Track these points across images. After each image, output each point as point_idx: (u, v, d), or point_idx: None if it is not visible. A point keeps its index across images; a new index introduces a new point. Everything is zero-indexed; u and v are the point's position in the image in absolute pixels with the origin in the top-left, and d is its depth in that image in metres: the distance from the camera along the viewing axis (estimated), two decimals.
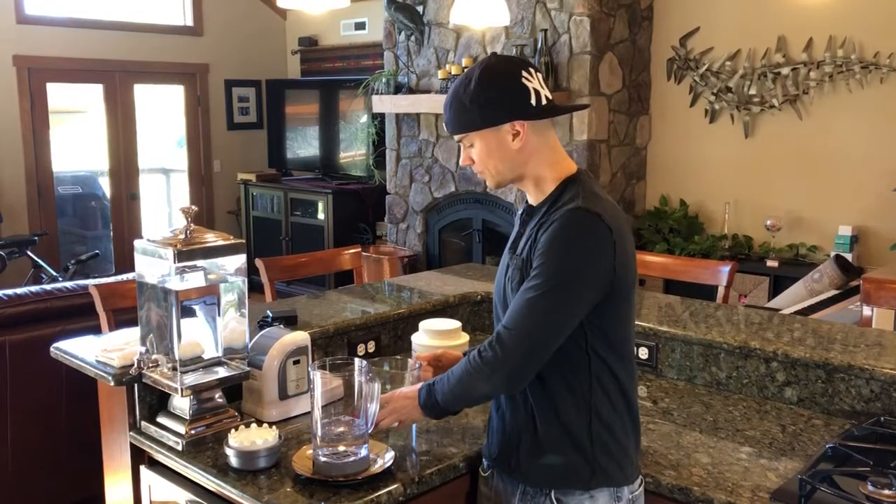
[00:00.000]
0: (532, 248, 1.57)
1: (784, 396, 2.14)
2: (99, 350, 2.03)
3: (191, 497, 1.81)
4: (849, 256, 4.18)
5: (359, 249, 3.47)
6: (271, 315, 2.33)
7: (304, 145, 7.35)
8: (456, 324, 2.25)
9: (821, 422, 2.02)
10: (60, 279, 5.65)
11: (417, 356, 2.01)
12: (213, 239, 1.85)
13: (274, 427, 1.78)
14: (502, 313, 1.65)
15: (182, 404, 1.89)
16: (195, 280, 1.85)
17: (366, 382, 1.64)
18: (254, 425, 1.78)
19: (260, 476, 1.69)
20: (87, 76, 6.83)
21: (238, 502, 1.66)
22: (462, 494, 1.84)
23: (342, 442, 1.66)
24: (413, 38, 5.52)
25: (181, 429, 1.86)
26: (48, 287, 3.18)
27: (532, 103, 1.59)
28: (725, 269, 2.94)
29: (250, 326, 1.97)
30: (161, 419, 1.93)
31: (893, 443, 1.78)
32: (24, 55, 6.38)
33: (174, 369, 1.82)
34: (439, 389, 1.67)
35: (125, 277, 3.07)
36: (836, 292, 3.81)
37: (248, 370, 1.93)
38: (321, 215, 6.60)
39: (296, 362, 2.00)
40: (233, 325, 1.91)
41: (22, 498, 3.05)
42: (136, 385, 1.94)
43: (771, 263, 4.39)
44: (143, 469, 1.96)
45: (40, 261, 5.90)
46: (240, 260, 1.90)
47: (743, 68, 4.64)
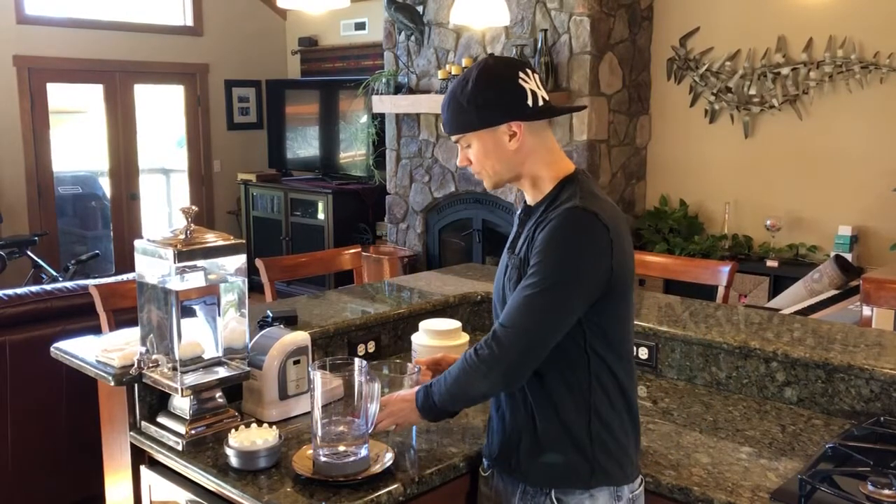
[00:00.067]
0: (530, 248, 1.57)
1: (784, 396, 2.14)
2: (99, 350, 2.03)
3: (191, 497, 1.81)
4: (849, 256, 4.18)
5: (359, 249, 3.47)
6: (271, 315, 2.33)
7: (304, 145, 7.35)
8: (456, 324, 2.25)
9: (821, 422, 2.02)
10: (60, 279, 5.66)
11: (417, 360, 2.01)
12: (214, 239, 1.85)
13: (274, 427, 1.78)
14: (501, 313, 1.65)
15: (182, 404, 1.89)
16: (195, 280, 1.85)
17: (366, 382, 1.64)
18: (254, 425, 1.78)
19: (260, 476, 1.69)
20: (87, 76, 6.83)
21: (238, 502, 1.66)
22: (462, 494, 1.84)
23: (342, 442, 1.66)
24: (413, 38, 5.52)
25: (181, 429, 1.86)
26: (48, 287, 3.18)
27: (529, 104, 1.59)
28: (725, 269, 2.95)
29: (250, 326, 1.97)
30: (161, 419, 1.93)
31: (893, 443, 1.78)
32: (24, 55, 6.38)
33: (174, 369, 1.82)
34: (436, 391, 1.67)
35: (125, 277, 3.07)
36: (836, 292, 3.81)
37: (248, 370, 1.93)
38: (321, 215, 6.60)
39: (296, 362, 2.00)
40: (233, 325, 1.91)
41: (22, 498, 3.05)
42: (137, 385, 1.94)
43: (771, 263, 4.39)
44: (144, 469, 1.96)
45: (40, 261, 5.91)
46: (240, 260, 1.90)
47: (743, 68, 4.64)
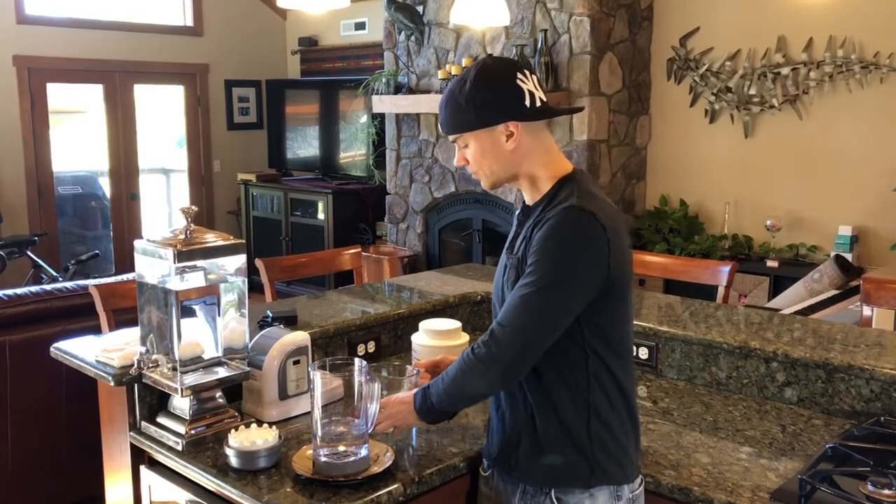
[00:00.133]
0: (527, 247, 1.57)
1: (784, 396, 2.14)
2: (99, 350, 2.03)
3: (191, 497, 1.81)
4: (849, 256, 4.18)
5: (359, 249, 3.47)
6: (271, 315, 2.33)
7: (304, 145, 7.35)
8: (456, 324, 2.25)
9: (821, 422, 2.02)
10: (60, 279, 5.66)
11: (416, 363, 2.01)
12: (213, 239, 1.85)
13: (274, 427, 1.78)
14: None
15: (182, 404, 1.89)
16: (195, 280, 1.85)
17: (366, 382, 1.64)
18: (254, 425, 1.78)
19: (260, 476, 1.69)
20: (87, 76, 6.83)
21: (238, 502, 1.66)
22: (462, 494, 1.84)
23: (342, 442, 1.66)
24: (413, 38, 5.52)
25: (181, 429, 1.86)
26: (48, 287, 3.18)
27: (526, 105, 1.60)
28: (725, 269, 2.94)
29: (250, 326, 1.97)
30: (161, 419, 1.93)
31: (893, 443, 1.78)
32: (24, 55, 6.38)
33: (174, 369, 1.82)
34: (434, 392, 1.67)
35: (125, 277, 3.07)
36: (836, 292, 3.81)
37: (248, 370, 1.93)
38: (321, 215, 6.60)
39: (296, 362, 2.00)
40: (233, 325, 1.91)
41: (22, 498, 3.05)
42: (136, 385, 1.94)
43: (771, 263, 4.39)
44: (143, 469, 1.96)
45: (40, 261, 5.91)
46: (240, 260, 1.90)
47: (743, 68, 4.64)
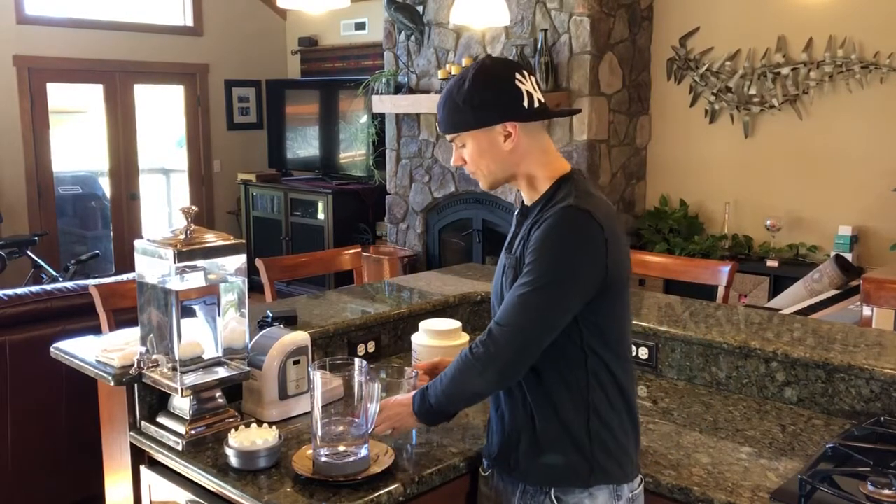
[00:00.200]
0: (525, 247, 1.58)
1: (784, 396, 2.14)
2: (99, 350, 2.03)
3: (191, 497, 1.81)
4: (849, 256, 4.18)
5: (359, 249, 3.47)
6: (271, 315, 2.33)
7: (304, 145, 7.35)
8: (456, 324, 2.25)
9: (821, 422, 2.02)
10: (60, 279, 5.66)
11: (415, 365, 2.01)
12: (213, 239, 1.85)
13: (274, 427, 1.78)
14: None
15: (182, 404, 1.89)
16: (195, 280, 1.85)
17: (366, 382, 1.64)
18: (254, 425, 1.78)
19: (260, 476, 1.69)
20: (87, 76, 6.83)
21: (238, 502, 1.66)
22: (462, 494, 1.84)
23: (342, 442, 1.66)
24: (413, 38, 5.52)
25: (181, 429, 1.86)
26: (48, 287, 3.18)
27: (525, 105, 1.60)
28: (725, 269, 2.94)
29: (250, 326, 1.97)
30: (161, 419, 1.93)
31: (893, 443, 1.78)
32: (24, 55, 6.38)
33: (174, 369, 1.82)
34: (432, 392, 1.67)
35: (125, 277, 3.07)
36: (836, 292, 3.80)
37: (248, 370, 1.93)
38: (321, 215, 6.60)
39: (296, 362, 2.00)
40: (233, 325, 1.91)
41: (22, 498, 3.05)
42: (136, 385, 1.94)
43: (771, 263, 4.39)
44: (143, 469, 1.96)
45: (40, 261, 5.91)
46: (240, 260, 1.90)
47: (743, 68, 4.64)
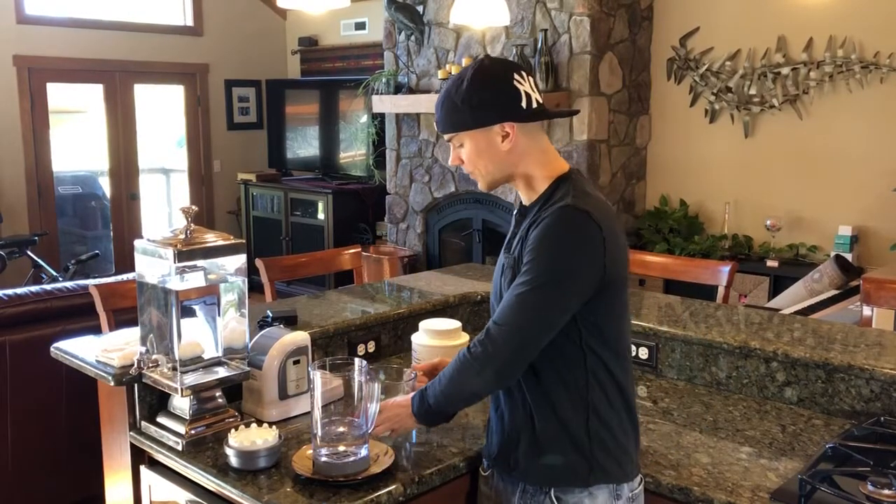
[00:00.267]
0: (523, 247, 1.58)
1: (784, 396, 2.14)
2: (99, 350, 2.03)
3: (191, 497, 1.81)
4: (849, 256, 4.18)
5: (359, 249, 3.47)
6: (271, 315, 2.33)
7: (304, 145, 7.35)
8: (456, 324, 2.25)
9: (821, 422, 2.02)
10: (60, 279, 5.66)
11: (414, 366, 2.01)
12: (213, 239, 1.85)
13: (274, 427, 1.78)
14: None
15: (182, 404, 1.89)
16: (195, 280, 1.85)
17: (366, 382, 1.64)
18: (254, 425, 1.78)
19: (260, 476, 1.69)
20: (87, 76, 6.83)
21: (238, 502, 1.66)
22: (462, 494, 1.84)
23: (342, 442, 1.66)
24: (413, 38, 5.52)
25: (181, 429, 1.86)
26: (48, 287, 3.18)
27: (523, 106, 1.60)
28: (725, 269, 2.94)
29: (250, 326, 1.97)
30: (161, 419, 1.93)
31: (893, 443, 1.78)
32: (24, 55, 6.38)
33: (174, 369, 1.82)
34: (431, 393, 1.67)
35: (125, 277, 3.07)
36: (836, 292, 3.80)
37: (248, 370, 1.93)
38: (321, 215, 6.60)
39: (296, 362, 2.00)
40: (233, 325, 1.91)
41: (22, 498, 3.05)
42: (136, 385, 1.94)
43: (771, 263, 4.39)
44: (143, 469, 1.96)
45: (40, 261, 5.91)
46: (240, 260, 1.90)
47: (743, 68, 4.64)
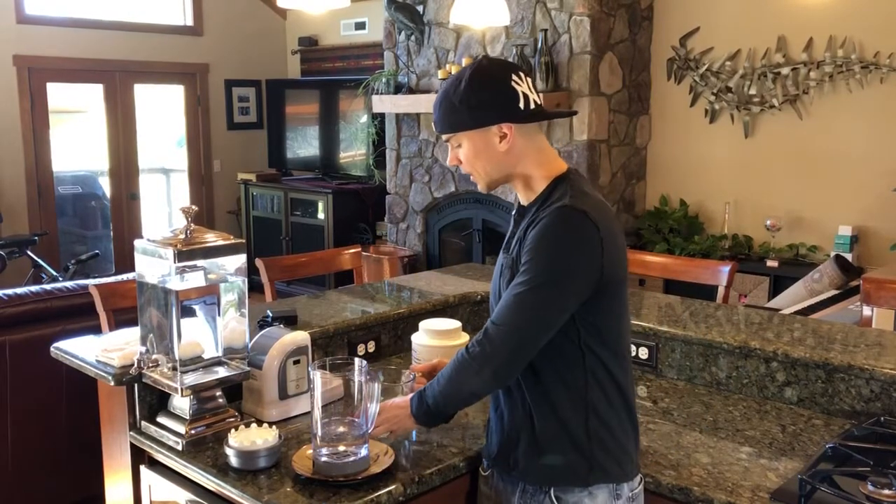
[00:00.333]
0: (521, 247, 1.58)
1: (784, 396, 2.14)
2: (99, 350, 2.03)
3: (191, 497, 1.81)
4: (849, 256, 4.18)
5: (359, 249, 3.47)
6: (271, 315, 2.33)
7: (304, 145, 7.35)
8: (456, 324, 2.25)
9: (821, 422, 2.02)
10: (60, 279, 5.65)
11: (412, 368, 2.01)
12: (213, 239, 1.85)
13: (274, 427, 1.78)
14: None
15: (182, 404, 1.89)
16: (195, 280, 1.85)
17: (366, 382, 1.64)
18: (254, 425, 1.78)
19: (260, 476, 1.69)
20: (87, 76, 6.83)
21: (238, 502, 1.66)
22: (462, 494, 1.84)
23: (342, 442, 1.66)
24: (413, 38, 5.52)
25: (181, 429, 1.86)
26: (48, 287, 3.18)
27: (521, 107, 1.60)
28: (725, 269, 2.94)
29: (250, 326, 1.97)
30: (161, 419, 1.93)
31: (893, 443, 1.78)
32: (24, 55, 6.38)
33: (174, 369, 1.82)
34: (430, 393, 1.68)
35: (125, 277, 3.07)
36: (836, 292, 3.80)
37: (248, 370, 1.93)
38: (321, 215, 6.60)
39: (296, 362, 2.00)
40: (233, 325, 1.91)
41: (22, 498, 3.05)
42: (136, 385, 1.94)
43: (771, 263, 4.39)
44: (143, 469, 1.96)
45: (40, 261, 5.91)
46: (240, 260, 1.90)
47: (743, 68, 4.64)
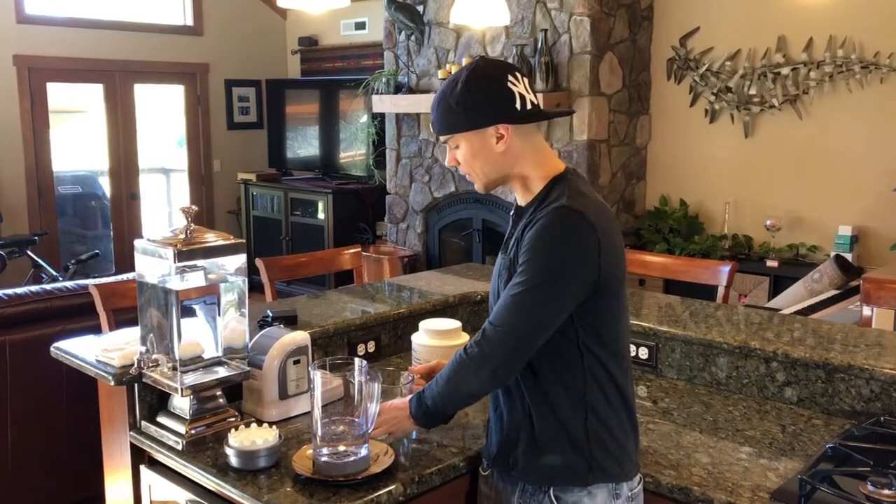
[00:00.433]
0: (519, 247, 1.59)
1: (784, 396, 2.14)
2: (99, 350, 2.03)
3: (191, 497, 1.81)
4: (849, 256, 4.18)
5: (359, 249, 3.47)
6: (271, 315, 2.33)
7: (304, 145, 7.35)
8: (456, 324, 2.25)
9: (821, 422, 2.02)
10: (60, 279, 5.65)
11: (411, 369, 2.01)
12: (214, 239, 1.85)
13: (274, 427, 1.78)
14: None
15: (182, 404, 1.89)
16: (195, 280, 1.85)
17: (366, 382, 1.64)
18: (254, 425, 1.78)
19: (260, 476, 1.69)
20: (87, 76, 6.83)
21: (238, 502, 1.66)
22: (462, 494, 1.84)
23: (342, 442, 1.66)
24: (413, 38, 5.52)
25: (181, 428, 1.86)
26: (48, 287, 3.18)
27: (517, 107, 1.60)
28: (725, 269, 2.94)
29: (250, 326, 1.97)
30: (161, 419, 1.93)
31: (893, 443, 1.78)
32: (24, 55, 6.38)
33: (174, 369, 1.82)
34: (428, 394, 1.68)
35: (125, 277, 3.07)
36: (836, 292, 3.80)
37: (248, 370, 1.93)
38: (321, 215, 6.60)
39: (296, 362, 2.00)
40: (233, 325, 1.91)
41: (22, 498, 3.05)
42: (136, 385, 1.94)
43: (771, 263, 4.39)
44: (143, 469, 1.96)
45: (40, 261, 5.90)
46: (240, 260, 1.90)
47: (743, 68, 4.64)
